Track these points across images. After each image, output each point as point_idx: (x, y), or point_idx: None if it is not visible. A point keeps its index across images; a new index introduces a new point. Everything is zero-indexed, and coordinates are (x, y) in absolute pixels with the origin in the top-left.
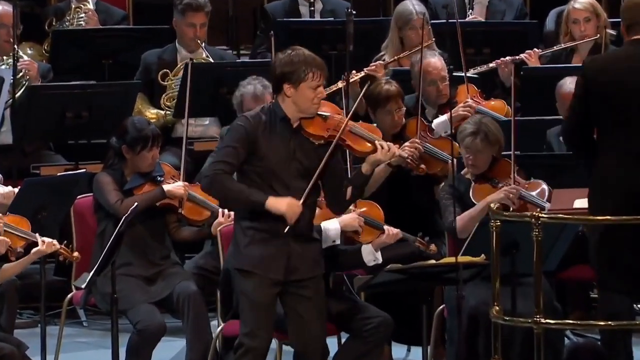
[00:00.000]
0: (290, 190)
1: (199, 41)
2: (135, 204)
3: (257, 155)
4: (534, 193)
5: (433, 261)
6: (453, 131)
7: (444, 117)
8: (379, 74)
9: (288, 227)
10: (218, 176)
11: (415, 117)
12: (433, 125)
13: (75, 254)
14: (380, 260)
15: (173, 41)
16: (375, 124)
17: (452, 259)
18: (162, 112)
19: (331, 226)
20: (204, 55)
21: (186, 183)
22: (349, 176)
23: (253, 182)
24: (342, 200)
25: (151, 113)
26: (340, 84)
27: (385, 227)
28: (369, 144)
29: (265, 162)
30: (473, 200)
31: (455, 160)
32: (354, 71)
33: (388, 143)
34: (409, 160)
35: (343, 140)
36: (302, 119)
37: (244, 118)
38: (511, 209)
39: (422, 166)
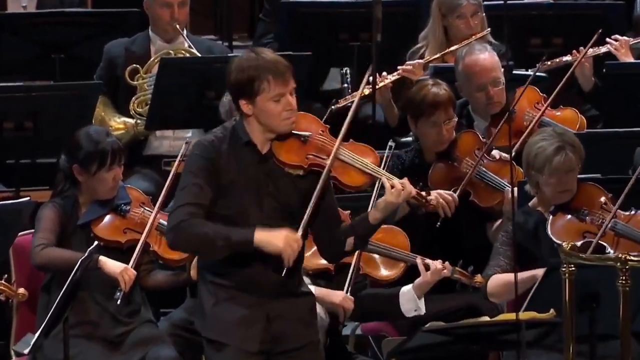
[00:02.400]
0: (274, 226)
1: (178, 27)
2: (95, 242)
3: (219, 194)
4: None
5: (487, 318)
6: (513, 153)
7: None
8: (417, 77)
9: (285, 268)
10: (185, 223)
11: (469, 130)
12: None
13: (21, 290)
14: (423, 310)
15: (145, 28)
16: (413, 137)
17: (511, 315)
18: (132, 122)
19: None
20: (186, 46)
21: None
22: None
23: None
24: (337, 249)
25: (117, 123)
26: (364, 88)
27: (430, 262)
28: (363, 175)
29: (230, 201)
30: (554, 238)
31: (515, 189)
32: (384, 73)
33: (402, 181)
34: (432, 206)
35: (331, 171)
36: (274, 141)
37: (199, 145)
38: (591, 247)
39: (431, 198)
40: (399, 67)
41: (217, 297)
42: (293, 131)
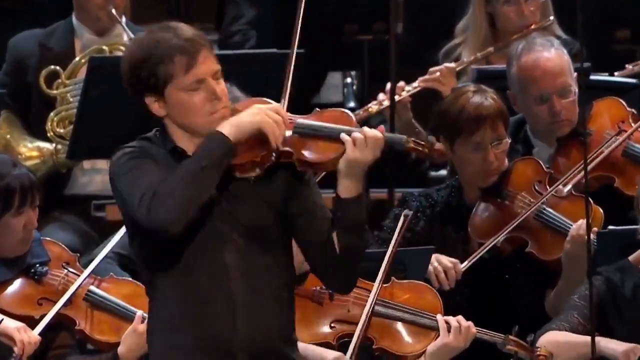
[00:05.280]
0: (243, 259)
1: (114, 13)
2: None
3: None
4: None
5: None
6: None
7: None
8: (447, 87)
9: (274, 152)
10: (157, 189)
11: (526, 158)
12: None
13: None
14: None
15: (67, 15)
16: (449, 169)
17: None
18: (49, 147)
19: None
20: (125, 40)
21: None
22: None
23: (162, 282)
24: (335, 263)
25: (28, 149)
26: (382, 98)
27: (452, 318)
28: (334, 143)
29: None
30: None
31: (593, 236)
32: (401, 83)
33: (362, 129)
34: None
35: (287, 153)
36: None
37: (122, 151)
38: None
39: (438, 145)
40: (418, 79)
41: None
42: None
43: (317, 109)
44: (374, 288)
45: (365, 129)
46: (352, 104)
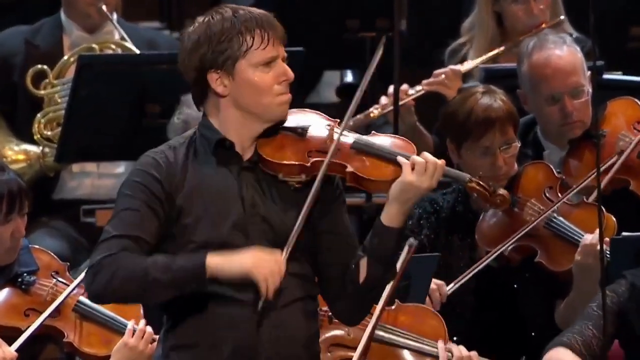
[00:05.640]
0: None
1: (105, 9)
2: None
3: (180, 223)
4: None
5: None
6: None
7: None
8: (452, 91)
9: (262, 301)
10: (110, 258)
11: (537, 162)
12: None
13: None
14: None
15: (55, 11)
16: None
17: None
18: (37, 150)
19: None
20: (117, 38)
21: None
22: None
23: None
24: (352, 290)
25: (15, 152)
26: (384, 102)
27: (454, 347)
28: (391, 165)
29: (199, 231)
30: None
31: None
32: (404, 86)
33: (423, 153)
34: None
35: (340, 165)
36: (261, 140)
37: (142, 158)
38: None
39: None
40: (422, 82)
41: None
42: (284, 124)
43: (374, 131)
44: (376, 312)
45: (427, 154)
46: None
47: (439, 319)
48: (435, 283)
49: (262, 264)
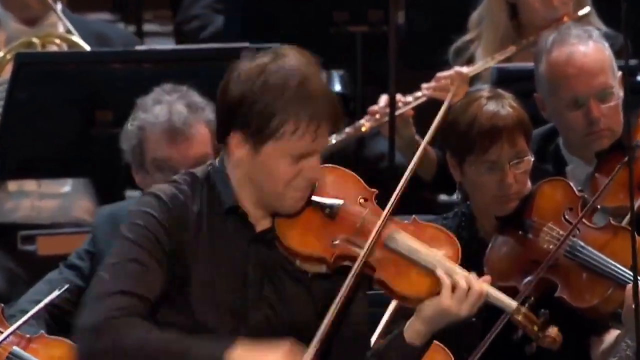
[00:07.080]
0: None
1: None
2: None
3: (180, 287)
4: None
5: None
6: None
7: None
8: (458, 97)
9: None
10: (116, 322)
11: (555, 179)
12: None
13: None
14: None
15: None
16: (459, 194)
17: None
18: None
19: None
20: (61, 31)
21: None
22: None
23: None
24: None
25: None
26: (376, 111)
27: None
28: (428, 278)
29: (187, 305)
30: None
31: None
32: (399, 96)
33: (467, 275)
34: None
35: (369, 267)
36: (278, 216)
37: (155, 201)
38: None
39: (551, 332)
40: (422, 86)
41: None
42: (313, 197)
43: (415, 216)
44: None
45: (472, 277)
46: None
47: (446, 354)
48: None
49: None
